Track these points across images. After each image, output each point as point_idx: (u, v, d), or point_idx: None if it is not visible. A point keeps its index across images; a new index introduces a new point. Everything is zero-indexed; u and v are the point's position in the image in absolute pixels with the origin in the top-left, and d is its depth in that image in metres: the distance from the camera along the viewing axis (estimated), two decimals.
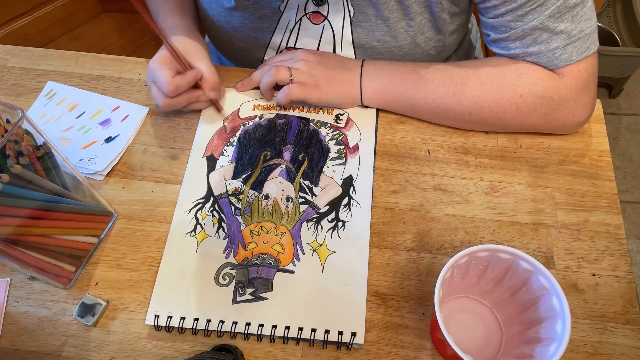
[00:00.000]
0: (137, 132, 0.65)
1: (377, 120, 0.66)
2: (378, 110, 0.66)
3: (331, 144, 0.64)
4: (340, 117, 0.66)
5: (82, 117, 0.66)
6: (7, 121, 0.46)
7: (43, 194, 0.49)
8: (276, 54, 0.72)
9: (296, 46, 0.69)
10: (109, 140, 0.64)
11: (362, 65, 0.65)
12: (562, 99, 0.58)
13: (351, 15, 0.64)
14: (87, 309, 0.52)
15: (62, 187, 0.52)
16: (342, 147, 0.64)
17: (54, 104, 0.68)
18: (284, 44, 0.70)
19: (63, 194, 0.51)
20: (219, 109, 0.66)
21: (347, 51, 0.68)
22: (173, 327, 0.52)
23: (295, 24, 0.67)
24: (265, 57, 0.73)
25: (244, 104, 0.68)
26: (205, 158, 0.63)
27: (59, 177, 0.51)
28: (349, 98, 0.65)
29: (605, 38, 1.57)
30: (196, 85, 0.62)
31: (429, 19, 0.63)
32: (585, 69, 0.58)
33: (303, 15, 0.66)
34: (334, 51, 0.69)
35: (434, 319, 0.47)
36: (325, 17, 0.65)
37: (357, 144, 0.64)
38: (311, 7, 0.65)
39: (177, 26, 0.66)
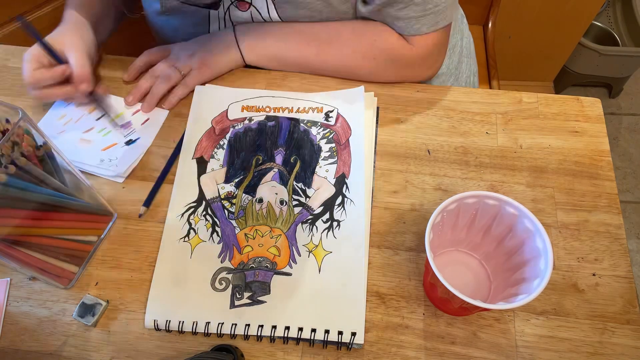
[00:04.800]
0: None
1: (377, 121, 0.66)
2: (378, 108, 0.67)
3: (322, 142, 0.63)
4: (330, 115, 0.65)
5: (103, 119, 0.66)
6: (7, 121, 0.46)
7: (43, 195, 0.49)
8: None
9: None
10: (129, 143, 0.64)
11: (234, 30, 0.69)
12: (409, 63, 0.67)
13: None
14: (87, 309, 0.52)
15: (62, 187, 0.51)
16: (333, 145, 0.63)
17: (74, 104, 0.67)
18: None
19: (63, 194, 0.51)
20: (104, 109, 0.66)
21: None
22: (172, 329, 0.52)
23: (225, 12, 0.69)
24: None
25: (232, 104, 0.67)
26: (195, 160, 0.62)
27: (59, 177, 0.51)
28: (233, 61, 0.69)
29: (605, 38, 1.57)
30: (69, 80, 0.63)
31: None
32: (433, 41, 0.65)
33: (230, 4, 0.68)
34: None
35: (426, 264, 0.48)
36: (250, 4, 0.67)
37: (347, 140, 0.63)
38: None
39: (67, 19, 0.67)
